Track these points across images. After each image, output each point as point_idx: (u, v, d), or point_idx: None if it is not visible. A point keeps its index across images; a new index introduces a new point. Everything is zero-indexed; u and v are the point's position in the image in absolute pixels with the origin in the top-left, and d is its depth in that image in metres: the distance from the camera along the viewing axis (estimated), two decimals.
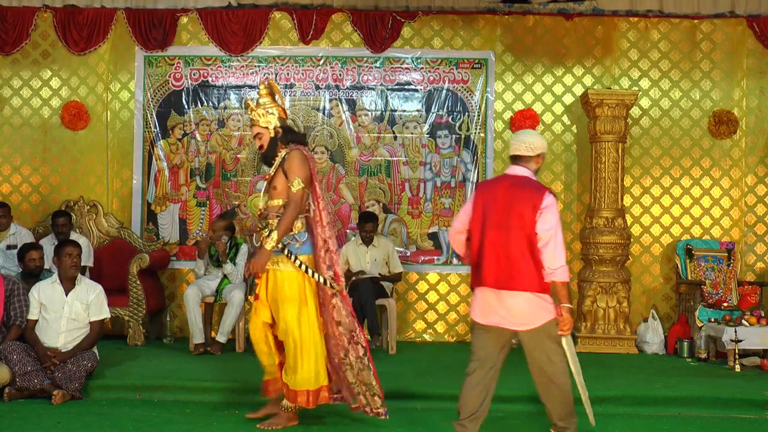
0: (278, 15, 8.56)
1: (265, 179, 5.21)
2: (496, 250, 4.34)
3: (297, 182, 4.99)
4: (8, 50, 8.50)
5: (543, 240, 4.30)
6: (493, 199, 4.41)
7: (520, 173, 4.50)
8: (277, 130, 5.12)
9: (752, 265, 8.45)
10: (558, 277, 4.31)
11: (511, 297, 4.35)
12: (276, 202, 5.08)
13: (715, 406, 5.77)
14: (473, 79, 8.54)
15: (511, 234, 4.32)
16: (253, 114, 5.13)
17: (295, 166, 5.02)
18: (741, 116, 8.49)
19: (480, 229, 4.41)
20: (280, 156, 5.12)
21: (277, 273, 5.04)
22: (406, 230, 8.53)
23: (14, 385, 5.70)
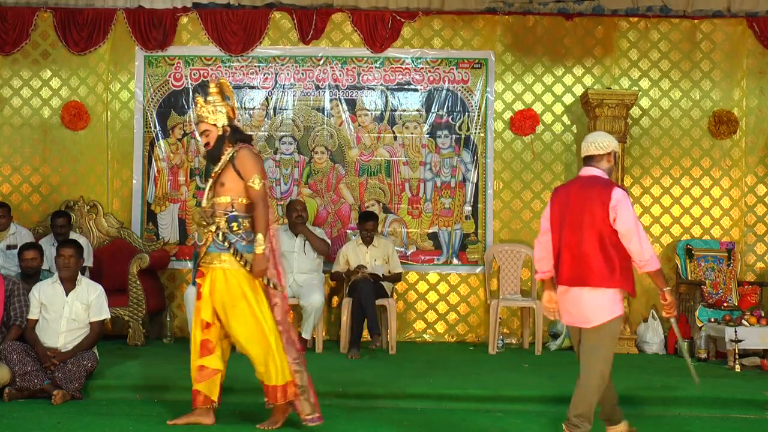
0: (278, 15, 8.56)
1: (211, 177, 5.14)
2: (571, 250, 4.52)
3: (258, 180, 4.99)
4: (8, 50, 8.50)
5: (626, 236, 4.42)
6: (566, 201, 4.58)
7: (590, 173, 4.62)
8: (225, 128, 5.11)
9: (752, 265, 8.45)
10: (650, 267, 4.45)
11: (581, 294, 4.50)
12: (224, 199, 5.04)
13: (715, 406, 5.78)
14: (473, 79, 8.54)
15: (583, 233, 4.48)
16: (202, 110, 5.11)
17: (250, 164, 5.02)
18: (741, 116, 8.49)
19: (558, 231, 4.60)
20: (227, 154, 5.09)
21: (226, 272, 4.99)
22: (406, 230, 8.53)
23: (14, 385, 5.70)
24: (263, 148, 8.54)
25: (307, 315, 7.54)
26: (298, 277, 7.78)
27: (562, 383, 6.26)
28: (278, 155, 8.55)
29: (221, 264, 4.99)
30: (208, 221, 5.05)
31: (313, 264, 7.87)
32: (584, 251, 4.46)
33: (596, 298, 4.46)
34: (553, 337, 8.18)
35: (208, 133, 5.11)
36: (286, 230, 7.92)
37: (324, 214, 8.53)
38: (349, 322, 7.55)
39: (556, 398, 5.87)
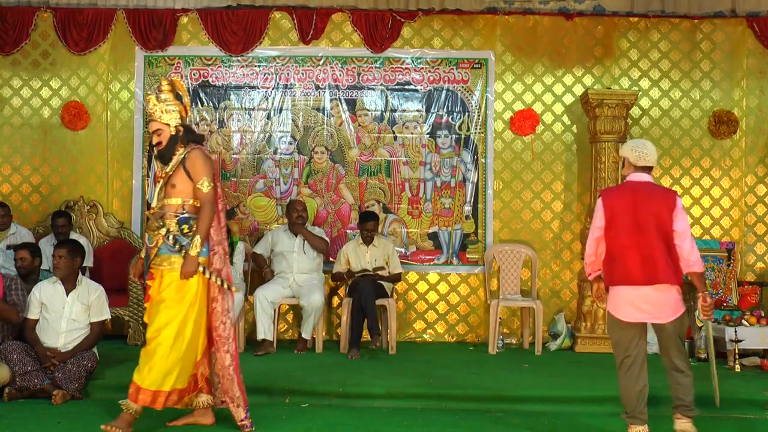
0: (278, 15, 8.56)
1: (161, 177, 5.03)
2: (641, 251, 4.79)
3: (206, 183, 4.93)
4: (8, 50, 8.50)
5: (682, 237, 4.81)
6: (632, 205, 4.85)
7: (646, 179, 4.97)
8: (179, 128, 5.02)
9: (752, 265, 8.45)
10: (698, 267, 4.82)
11: (658, 291, 4.81)
12: (174, 201, 4.96)
13: (715, 406, 5.76)
14: (473, 79, 8.54)
15: (650, 234, 4.79)
16: (154, 109, 5.00)
17: (200, 165, 4.95)
18: (741, 116, 8.49)
19: (618, 233, 4.84)
20: (179, 155, 5.01)
21: (173, 274, 4.90)
22: (406, 230, 8.53)
23: (14, 385, 5.71)
24: (263, 148, 8.54)
25: (307, 315, 7.55)
26: (298, 277, 7.78)
27: (562, 383, 6.27)
28: (278, 155, 8.55)
29: (171, 266, 4.90)
30: (159, 223, 4.94)
31: (313, 264, 7.88)
32: (655, 252, 4.77)
33: (671, 294, 4.82)
34: (553, 337, 8.18)
35: (160, 133, 5.00)
36: (285, 230, 7.93)
37: (324, 214, 8.52)
38: (349, 322, 7.55)
39: (556, 398, 5.88)
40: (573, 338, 7.99)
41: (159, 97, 5.03)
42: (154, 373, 4.84)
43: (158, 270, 4.95)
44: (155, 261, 4.95)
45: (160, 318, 4.87)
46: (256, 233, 8.46)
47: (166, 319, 4.86)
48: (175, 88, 5.09)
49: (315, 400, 5.84)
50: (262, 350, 7.38)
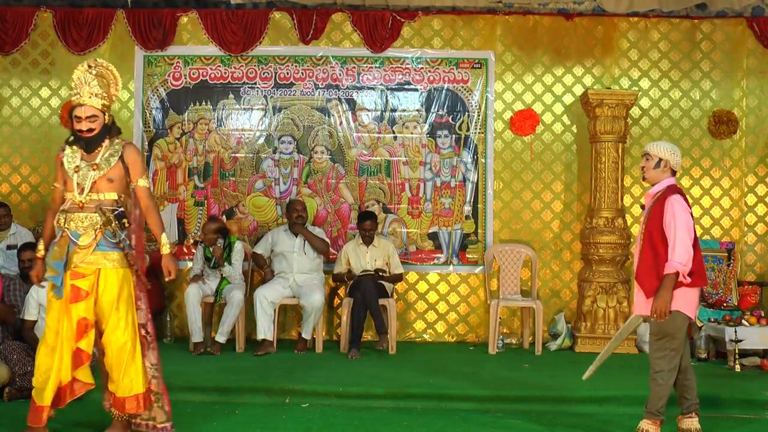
0: (278, 15, 8.55)
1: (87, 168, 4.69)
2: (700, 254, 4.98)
3: (146, 179, 4.84)
4: (8, 50, 8.49)
5: None
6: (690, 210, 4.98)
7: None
8: (110, 117, 4.78)
9: (752, 265, 8.45)
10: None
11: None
12: (110, 195, 4.70)
13: (715, 406, 5.77)
14: (473, 79, 8.53)
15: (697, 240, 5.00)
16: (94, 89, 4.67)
17: (140, 162, 4.84)
18: (741, 116, 8.49)
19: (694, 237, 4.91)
20: (113, 147, 4.75)
21: (117, 272, 4.69)
22: (406, 230, 8.52)
23: (14, 385, 5.71)
24: (262, 148, 8.53)
25: (307, 315, 7.55)
26: (298, 277, 7.78)
27: (563, 383, 6.27)
28: (278, 155, 8.54)
29: (112, 263, 4.68)
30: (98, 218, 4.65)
31: (313, 264, 7.87)
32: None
33: None
34: (553, 337, 8.18)
35: (94, 120, 4.66)
36: (285, 230, 7.92)
37: (324, 214, 8.52)
38: (349, 321, 7.55)
39: (557, 398, 5.87)
40: (573, 338, 7.99)
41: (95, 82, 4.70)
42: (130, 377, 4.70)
43: (90, 268, 4.64)
44: (87, 259, 4.63)
45: (115, 319, 4.66)
46: (255, 233, 8.46)
47: (123, 319, 4.68)
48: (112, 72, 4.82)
49: (315, 400, 5.83)
50: (262, 350, 7.38)
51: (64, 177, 4.76)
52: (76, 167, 4.71)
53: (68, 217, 4.68)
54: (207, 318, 7.72)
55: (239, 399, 5.83)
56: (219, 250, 7.62)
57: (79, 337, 4.62)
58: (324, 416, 5.46)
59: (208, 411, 5.55)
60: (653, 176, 5.05)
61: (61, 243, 4.67)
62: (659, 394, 4.95)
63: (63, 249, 4.65)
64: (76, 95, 4.68)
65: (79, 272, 4.64)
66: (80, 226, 4.66)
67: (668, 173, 5.02)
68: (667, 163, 5.01)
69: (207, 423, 5.25)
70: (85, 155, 4.72)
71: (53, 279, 4.64)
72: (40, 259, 4.80)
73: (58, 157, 4.82)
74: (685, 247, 4.79)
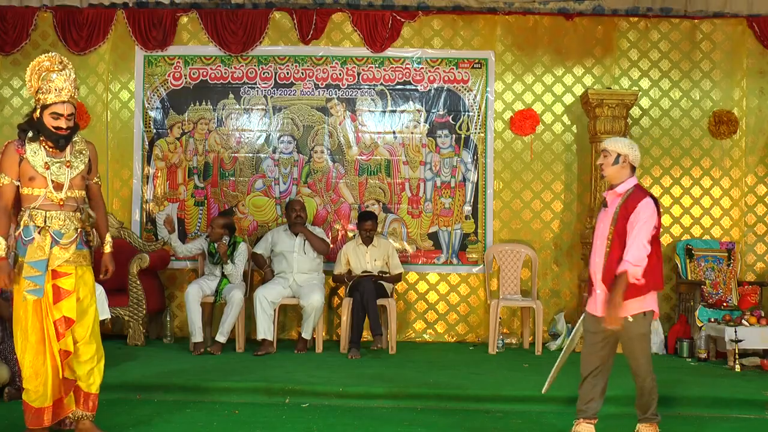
0: (278, 15, 8.56)
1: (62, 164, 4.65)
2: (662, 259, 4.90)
3: (98, 177, 4.91)
4: (8, 50, 8.50)
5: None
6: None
7: None
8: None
9: (752, 265, 8.45)
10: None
11: None
12: (80, 193, 4.73)
13: (715, 406, 5.78)
14: (473, 78, 8.53)
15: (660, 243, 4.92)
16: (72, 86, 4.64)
17: (96, 159, 4.89)
18: (741, 116, 8.49)
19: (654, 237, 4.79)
20: (81, 145, 4.78)
21: (90, 270, 4.78)
22: (406, 230, 8.52)
23: (14, 385, 5.71)
24: (262, 148, 8.54)
25: (307, 315, 7.55)
26: (298, 277, 7.78)
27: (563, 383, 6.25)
28: (277, 154, 8.54)
29: (87, 262, 4.76)
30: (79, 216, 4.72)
31: (313, 264, 7.87)
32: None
33: None
34: (553, 337, 8.18)
35: (71, 118, 4.64)
36: (285, 230, 7.92)
37: (323, 214, 8.52)
38: (349, 321, 7.55)
39: (556, 398, 5.87)
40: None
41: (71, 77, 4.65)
42: (99, 375, 4.76)
43: (71, 266, 4.66)
44: (69, 258, 4.65)
45: (90, 317, 4.70)
46: (255, 233, 8.46)
47: (94, 317, 4.73)
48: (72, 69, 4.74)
49: (315, 400, 5.83)
50: (262, 350, 7.38)
51: (28, 173, 4.59)
52: (46, 163, 4.61)
53: (48, 215, 4.61)
54: (207, 318, 7.73)
55: (239, 399, 5.83)
56: (224, 247, 7.61)
57: (61, 336, 4.62)
58: (324, 416, 5.47)
59: (208, 411, 5.55)
60: (612, 173, 4.91)
61: (42, 242, 4.58)
62: (654, 397, 4.91)
63: (44, 248, 4.58)
64: (56, 93, 4.57)
65: (60, 271, 4.63)
66: (63, 225, 4.64)
67: (628, 169, 4.89)
68: (626, 159, 4.88)
69: (208, 422, 5.24)
70: (51, 151, 4.64)
71: (35, 279, 4.55)
72: (4, 260, 4.56)
73: (15, 151, 4.60)
74: (642, 250, 4.68)
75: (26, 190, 4.63)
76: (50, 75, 4.59)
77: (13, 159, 4.61)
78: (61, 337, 4.62)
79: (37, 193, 4.62)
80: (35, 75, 4.62)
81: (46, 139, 4.62)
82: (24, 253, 4.60)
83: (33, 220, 4.60)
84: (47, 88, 4.59)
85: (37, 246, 4.58)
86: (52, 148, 4.63)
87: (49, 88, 4.59)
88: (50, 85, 4.58)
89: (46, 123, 4.60)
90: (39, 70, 4.61)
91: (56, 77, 4.58)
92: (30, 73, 4.63)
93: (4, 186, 4.61)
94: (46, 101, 4.59)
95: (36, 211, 4.61)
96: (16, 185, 4.62)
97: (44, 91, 4.59)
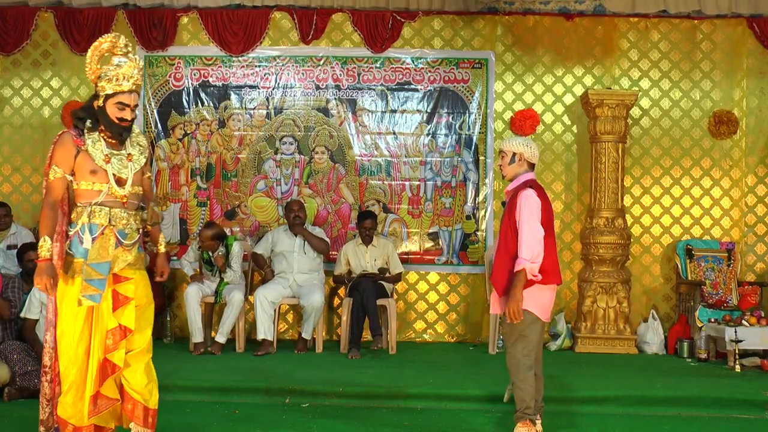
0: (278, 15, 8.56)
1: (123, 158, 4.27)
2: (554, 250, 4.84)
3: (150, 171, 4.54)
4: (9, 50, 8.51)
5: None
6: (546, 203, 4.83)
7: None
8: None
9: (752, 265, 8.45)
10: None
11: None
12: (139, 190, 4.30)
13: (715, 407, 5.78)
14: (474, 79, 8.54)
15: (553, 234, 4.89)
16: (140, 74, 4.25)
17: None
18: (741, 116, 8.49)
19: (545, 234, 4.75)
20: (141, 138, 4.43)
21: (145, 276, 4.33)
22: (407, 230, 8.53)
23: (14, 385, 5.71)
24: (263, 148, 8.54)
25: (307, 315, 7.55)
26: (298, 277, 7.79)
27: (563, 383, 6.27)
28: (279, 155, 8.55)
29: (143, 267, 4.34)
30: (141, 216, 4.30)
31: (313, 264, 7.88)
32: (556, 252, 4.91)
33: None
34: (553, 338, 8.18)
35: (134, 108, 4.27)
36: (286, 230, 7.93)
37: (324, 214, 8.53)
38: (349, 321, 7.55)
39: (556, 399, 5.86)
40: (573, 338, 8.00)
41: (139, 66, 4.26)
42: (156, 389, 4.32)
43: (131, 270, 4.23)
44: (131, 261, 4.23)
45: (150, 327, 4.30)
46: (257, 233, 8.47)
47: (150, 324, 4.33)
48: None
49: (315, 400, 5.84)
50: (262, 350, 7.39)
51: (88, 166, 4.15)
52: (106, 156, 4.18)
53: (112, 213, 4.15)
54: (207, 318, 7.73)
55: (239, 399, 5.84)
56: (221, 259, 7.59)
57: (114, 347, 4.13)
58: (324, 416, 5.47)
59: (208, 411, 5.56)
60: (510, 172, 4.91)
61: (104, 243, 4.12)
62: (522, 396, 4.79)
63: (108, 249, 4.12)
64: (124, 80, 4.15)
65: (121, 276, 4.19)
66: (126, 224, 4.20)
67: (525, 167, 4.89)
68: (521, 156, 4.87)
69: (207, 423, 5.25)
70: (110, 143, 4.23)
71: (96, 283, 4.06)
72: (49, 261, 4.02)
73: (72, 142, 4.15)
74: (535, 243, 4.64)
75: (85, 184, 4.15)
76: (116, 60, 4.17)
77: (68, 151, 4.14)
78: (111, 349, 4.13)
79: (99, 189, 4.15)
80: (95, 58, 4.18)
81: (105, 130, 4.20)
82: (82, 254, 4.11)
83: (95, 218, 4.14)
84: (113, 75, 4.13)
85: (99, 246, 4.11)
86: (110, 140, 4.23)
87: (116, 75, 4.14)
88: (118, 71, 4.14)
89: (109, 113, 4.18)
90: (99, 52, 4.18)
91: (125, 64, 4.16)
92: (90, 56, 4.17)
93: (56, 180, 4.12)
94: (112, 89, 4.15)
95: (98, 207, 4.14)
96: (68, 180, 4.16)
97: (109, 78, 4.14)
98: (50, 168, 4.14)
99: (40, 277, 3.98)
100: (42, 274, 3.98)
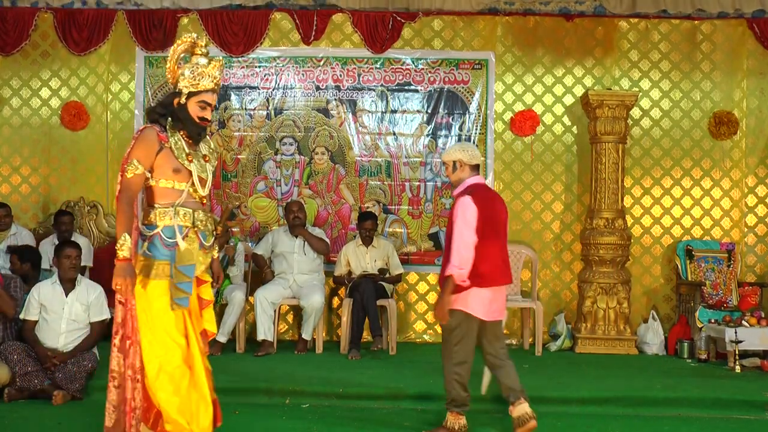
0: (279, 16, 8.56)
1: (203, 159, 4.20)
2: (501, 253, 4.95)
3: None
4: (8, 50, 8.51)
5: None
6: (490, 208, 4.89)
7: (483, 181, 5.14)
8: None
9: (752, 266, 8.45)
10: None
11: (503, 290, 5.05)
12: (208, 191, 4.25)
13: (715, 407, 5.77)
14: (473, 79, 8.54)
15: (503, 236, 5.04)
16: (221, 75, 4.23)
17: None
18: (741, 117, 8.49)
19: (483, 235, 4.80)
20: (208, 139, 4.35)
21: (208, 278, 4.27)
22: (407, 231, 8.52)
23: (14, 386, 5.71)
24: (264, 149, 8.54)
25: (307, 316, 7.55)
26: (299, 277, 7.78)
27: (563, 384, 6.27)
28: (279, 156, 8.55)
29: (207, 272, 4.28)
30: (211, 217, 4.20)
31: (313, 264, 7.88)
32: (505, 253, 5.02)
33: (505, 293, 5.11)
34: (553, 338, 8.18)
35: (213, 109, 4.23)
36: (286, 231, 7.93)
37: (324, 215, 8.52)
38: (349, 322, 7.55)
39: (557, 399, 5.87)
40: (573, 339, 7.99)
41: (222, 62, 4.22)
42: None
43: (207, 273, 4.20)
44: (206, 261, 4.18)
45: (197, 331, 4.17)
46: (257, 234, 8.47)
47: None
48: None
49: (315, 400, 5.83)
50: (263, 351, 7.38)
51: (171, 164, 4.03)
52: (188, 155, 4.06)
53: (195, 215, 4.06)
54: None
55: (239, 399, 5.83)
56: (232, 250, 7.60)
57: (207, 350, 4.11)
58: (324, 416, 5.47)
59: None
60: (456, 179, 5.03)
61: (190, 245, 4.03)
62: (449, 388, 5.01)
63: (193, 252, 4.03)
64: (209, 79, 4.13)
65: (201, 279, 4.13)
66: (206, 226, 4.10)
67: (467, 171, 4.98)
68: (461, 162, 4.97)
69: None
70: (189, 144, 4.12)
71: (185, 286, 3.97)
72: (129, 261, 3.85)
73: (156, 137, 4.04)
74: (463, 250, 4.73)
75: (167, 183, 4.04)
76: (199, 60, 4.14)
77: (151, 147, 4.01)
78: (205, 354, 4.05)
79: (180, 188, 4.05)
80: (174, 59, 4.17)
81: (183, 129, 4.10)
82: (166, 256, 3.99)
83: (180, 220, 4.03)
84: (198, 74, 4.09)
85: (186, 249, 4.01)
86: (188, 139, 4.12)
87: (201, 74, 4.10)
88: (203, 70, 4.11)
89: (191, 112, 4.09)
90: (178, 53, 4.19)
91: (210, 64, 4.14)
92: (170, 58, 4.18)
93: (135, 177, 3.98)
94: (196, 87, 4.09)
95: (182, 209, 4.04)
96: (147, 176, 4.03)
97: (193, 77, 4.09)
98: (128, 163, 3.98)
99: (122, 278, 3.82)
100: (123, 274, 3.82)
